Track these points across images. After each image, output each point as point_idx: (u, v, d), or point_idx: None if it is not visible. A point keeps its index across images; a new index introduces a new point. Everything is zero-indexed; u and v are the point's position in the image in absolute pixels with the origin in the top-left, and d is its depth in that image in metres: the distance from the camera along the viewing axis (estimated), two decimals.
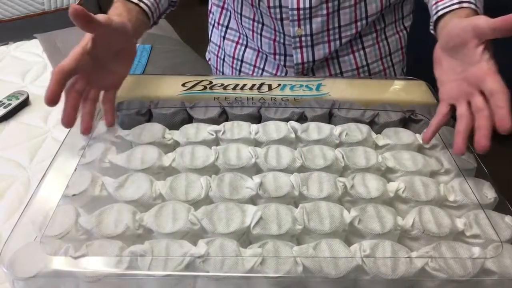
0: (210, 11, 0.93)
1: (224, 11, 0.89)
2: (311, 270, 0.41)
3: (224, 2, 0.88)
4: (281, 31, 0.78)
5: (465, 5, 0.57)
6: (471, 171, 0.54)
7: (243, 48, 0.88)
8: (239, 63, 0.89)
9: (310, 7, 0.73)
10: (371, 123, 0.62)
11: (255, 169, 0.54)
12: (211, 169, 0.53)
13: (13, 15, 1.55)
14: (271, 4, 0.74)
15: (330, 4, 0.73)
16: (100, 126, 0.58)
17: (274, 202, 0.48)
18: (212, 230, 0.44)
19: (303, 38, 0.77)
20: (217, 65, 0.96)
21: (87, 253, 0.41)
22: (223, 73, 0.94)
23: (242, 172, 0.52)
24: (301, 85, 0.67)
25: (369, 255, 0.42)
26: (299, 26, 0.75)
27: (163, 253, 0.41)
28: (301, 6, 0.73)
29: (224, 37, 0.91)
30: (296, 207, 0.47)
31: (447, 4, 0.59)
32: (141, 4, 0.65)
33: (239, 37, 0.88)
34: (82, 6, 0.47)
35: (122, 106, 0.63)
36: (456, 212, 0.50)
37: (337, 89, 0.67)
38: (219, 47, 0.93)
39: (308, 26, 0.75)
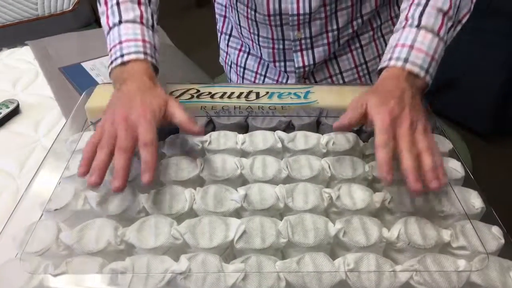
0: (216, 19, 0.95)
1: (226, 20, 0.91)
2: (294, 285, 0.41)
3: (225, 12, 0.89)
4: (280, 37, 0.78)
5: (391, 63, 0.56)
6: (459, 181, 0.53)
7: (245, 55, 0.90)
8: (242, 70, 0.91)
9: (310, 12, 0.73)
10: (359, 131, 0.61)
11: (241, 180, 0.54)
12: (197, 181, 0.53)
13: (7, 21, 1.54)
14: (271, 13, 0.74)
15: (328, 8, 0.74)
16: (85, 138, 0.58)
17: (259, 215, 0.47)
18: (195, 244, 0.44)
19: (303, 41, 0.78)
20: (226, 71, 0.99)
21: (66, 270, 0.41)
22: (231, 80, 0.96)
23: (228, 184, 0.51)
24: (289, 93, 0.67)
25: (353, 269, 0.42)
26: (298, 30, 0.76)
27: (144, 270, 0.41)
28: (301, 12, 0.73)
29: (228, 45, 0.93)
30: (282, 218, 0.47)
31: (384, 59, 0.58)
32: (153, 61, 0.62)
33: (241, 45, 0.90)
34: (76, 12, 0.46)
35: None
36: (443, 222, 0.49)
37: (325, 96, 0.67)
38: (227, 53, 0.95)
39: (307, 30, 0.76)
